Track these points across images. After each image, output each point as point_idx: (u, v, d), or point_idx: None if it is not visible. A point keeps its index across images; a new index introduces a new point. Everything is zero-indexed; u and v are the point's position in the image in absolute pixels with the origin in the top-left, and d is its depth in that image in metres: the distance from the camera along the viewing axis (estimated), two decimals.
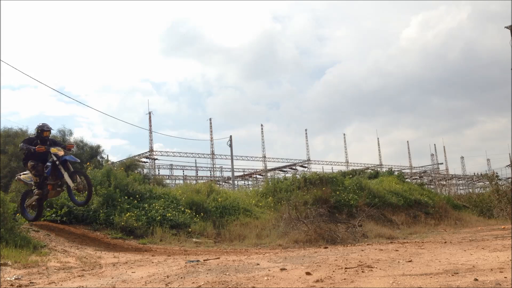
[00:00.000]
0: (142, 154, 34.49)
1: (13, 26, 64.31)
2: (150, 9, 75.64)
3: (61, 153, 7.44)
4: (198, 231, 9.20)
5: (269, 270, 3.58)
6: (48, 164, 7.55)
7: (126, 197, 9.53)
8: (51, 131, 7.97)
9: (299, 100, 78.86)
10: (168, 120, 71.30)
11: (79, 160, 7.94)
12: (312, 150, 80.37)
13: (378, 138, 49.31)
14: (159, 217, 9.10)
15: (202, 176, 37.41)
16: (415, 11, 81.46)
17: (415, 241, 6.71)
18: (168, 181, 31.91)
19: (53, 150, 7.50)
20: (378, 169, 36.43)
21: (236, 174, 34.14)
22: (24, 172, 8.11)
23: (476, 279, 2.71)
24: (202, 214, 9.96)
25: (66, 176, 7.35)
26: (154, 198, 10.14)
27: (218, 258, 5.20)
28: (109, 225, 8.69)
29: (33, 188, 7.75)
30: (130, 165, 22.93)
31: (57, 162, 7.37)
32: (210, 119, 39.12)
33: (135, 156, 32.02)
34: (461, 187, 47.62)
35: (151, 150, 34.67)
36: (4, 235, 6.20)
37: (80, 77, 69.10)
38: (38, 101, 66.44)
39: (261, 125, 41.57)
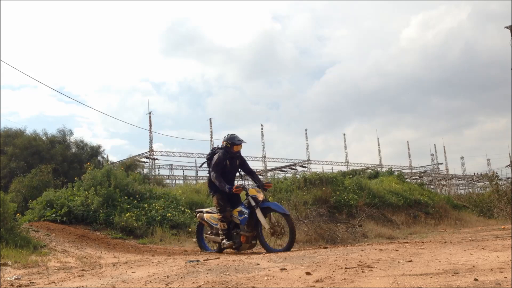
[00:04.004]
0: (142, 154, 34.53)
1: (13, 26, 64.30)
2: (150, 9, 75.68)
3: (261, 196, 5.98)
4: None
5: (269, 270, 3.58)
6: (244, 210, 6.00)
7: (126, 197, 9.53)
8: (243, 144, 6.27)
9: (299, 100, 78.95)
10: (168, 120, 71.43)
11: (288, 213, 6.08)
12: (312, 150, 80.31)
13: (378, 138, 49.42)
14: (159, 217, 9.10)
15: (202, 176, 37.36)
16: (415, 11, 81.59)
17: (415, 241, 6.71)
18: (168, 181, 31.96)
19: (251, 191, 6.02)
20: (378, 169, 36.43)
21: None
22: (208, 210, 6.64)
23: (476, 279, 2.70)
24: None
25: (259, 214, 5.88)
26: (154, 198, 10.15)
27: (218, 258, 5.20)
28: (109, 225, 8.69)
29: (220, 236, 6.17)
30: (130, 165, 22.98)
31: (255, 207, 5.93)
32: (210, 119, 39.19)
33: (135, 156, 32.07)
34: (461, 187, 47.64)
35: (151, 150, 34.69)
36: (4, 235, 6.20)
37: (80, 77, 69.23)
38: (38, 101, 66.55)
39: (261, 125, 41.66)
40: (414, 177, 41.19)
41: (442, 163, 49.70)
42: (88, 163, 11.35)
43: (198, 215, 6.79)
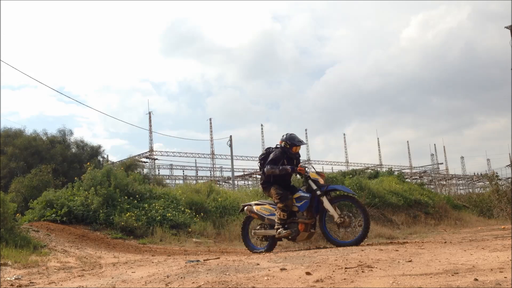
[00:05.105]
0: (142, 154, 34.55)
1: (13, 26, 64.30)
2: (150, 9, 75.71)
3: (322, 180, 5.68)
4: (198, 231, 9.20)
5: (269, 270, 3.58)
6: (304, 195, 5.63)
7: (126, 197, 9.53)
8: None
9: (299, 100, 79.05)
10: (168, 120, 71.50)
11: (356, 195, 5.77)
12: (312, 150, 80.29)
13: (378, 138, 49.52)
14: (159, 217, 9.10)
15: (202, 176, 37.49)
16: (415, 11, 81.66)
17: (415, 241, 6.71)
18: (168, 181, 31.95)
19: (312, 175, 5.68)
20: (378, 169, 36.44)
21: (236, 174, 34.16)
22: (256, 202, 6.19)
23: (476, 279, 2.70)
24: (202, 214, 9.96)
25: (326, 202, 5.53)
26: (154, 198, 10.15)
27: (218, 258, 5.19)
28: (109, 225, 8.69)
29: (276, 225, 5.69)
30: (130, 165, 22.96)
31: (318, 193, 5.55)
32: (210, 119, 39.29)
33: (135, 156, 32.09)
34: (461, 187, 47.60)
35: (151, 150, 34.72)
36: (4, 235, 6.21)
37: (80, 77, 69.30)
38: (38, 101, 66.59)
39: (261, 125, 41.77)
40: (414, 177, 41.17)
41: (442, 163, 49.82)
42: (88, 163, 11.35)
43: (246, 208, 6.14)
